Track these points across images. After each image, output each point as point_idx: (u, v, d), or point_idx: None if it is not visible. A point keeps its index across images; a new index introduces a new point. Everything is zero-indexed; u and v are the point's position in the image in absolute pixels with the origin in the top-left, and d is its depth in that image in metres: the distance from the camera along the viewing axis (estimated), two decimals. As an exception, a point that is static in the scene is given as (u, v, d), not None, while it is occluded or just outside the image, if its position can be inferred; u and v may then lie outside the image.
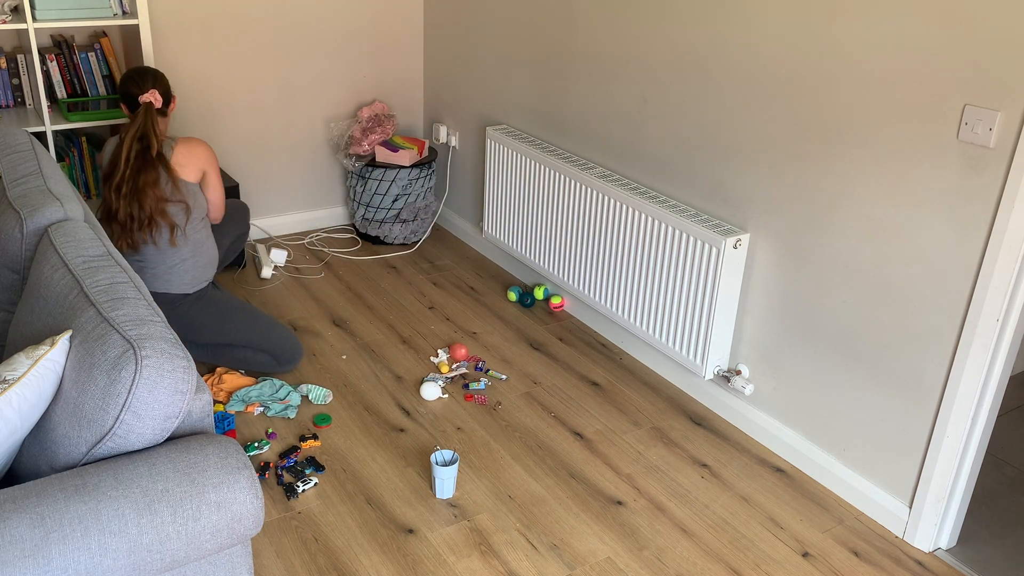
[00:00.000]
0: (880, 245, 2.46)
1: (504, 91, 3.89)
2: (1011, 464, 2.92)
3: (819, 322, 2.69)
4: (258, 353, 3.07)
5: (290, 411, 2.94)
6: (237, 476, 1.63)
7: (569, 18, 3.43)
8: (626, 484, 2.72)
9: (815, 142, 2.59)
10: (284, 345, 3.08)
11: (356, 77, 4.29)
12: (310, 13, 4.04)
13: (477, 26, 3.99)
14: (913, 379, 2.46)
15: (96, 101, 3.49)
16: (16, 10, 3.34)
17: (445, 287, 3.91)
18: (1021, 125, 2.09)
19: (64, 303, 1.81)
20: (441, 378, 3.19)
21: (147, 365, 1.58)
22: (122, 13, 3.36)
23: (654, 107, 3.13)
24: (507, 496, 2.64)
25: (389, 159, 4.11)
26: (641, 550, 2.46)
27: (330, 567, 2.35)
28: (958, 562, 2.48)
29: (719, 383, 3.07)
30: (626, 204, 3.14)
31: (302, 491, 2.62)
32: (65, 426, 1.63)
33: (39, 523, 1.46)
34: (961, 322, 2.31)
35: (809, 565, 2.44)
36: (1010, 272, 2.18)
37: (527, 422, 2.99)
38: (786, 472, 2.81)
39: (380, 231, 4.22)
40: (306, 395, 3.04)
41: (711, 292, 2.86)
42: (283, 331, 3.10)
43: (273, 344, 3.06)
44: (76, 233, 2.06)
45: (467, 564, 2.38)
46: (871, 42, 2.37)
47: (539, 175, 3.56)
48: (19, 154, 2.50)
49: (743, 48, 2.74)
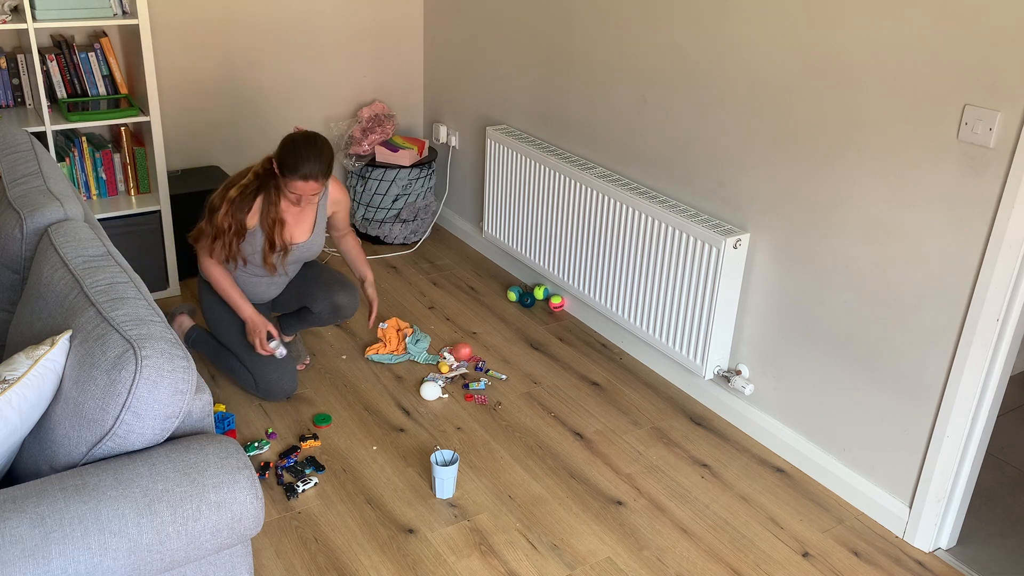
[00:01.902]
0: (880, 245, 2.46)
1: (504, 91, 3.89)
2: (1011, 464, 2.92)
3: (819, 322, 2.69)
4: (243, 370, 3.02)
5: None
6: (237, 476, 1.63)
7: (569, 18, 3.43)
8: (626, 484, 2.72)
9: (815, 142, 2.59)
10: (270, 377, 2.96)
11: (356, 77, 4.29)
12: (310, 13, 4.04)
13: (477, 26, 3.99)
14: (913, 379, 2.46)
15: (96, 101, 3.49)
16: (16, 10, 3.34)
17: (445, 287, 3.91)
18: (1021, 125, 2.09)
19: (64, 303, 1.81)
20: (441, 378, 3.19)
21: (147, 365, 1.58)
22: (122, 13, 3.35)
23: (654, 107, 3.13)
24: (507, 496, 2.64)
25: (389, 159, 4.11)
26: (641, 550, 2.46)
27: (330, 567, 2.35)
28: (958, 562, 2.48)
29: (719, 383, 3.07)
30: (626, 204, 3.14)
31: (302, 491, 2.62)
32: (65, 426, 1.63)
33: (39, 523, 1.46)
34: (961, 322, 2.31)
35: (809, 565, 2.44)
36: (1010, 272, 2.18)
37: (527, 422, 2.99)
38: (786, 472, 2.81)
39: (380, 231, 4.22)
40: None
41: (711, 292, 2.86)
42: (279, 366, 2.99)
43: (258, 371, 2.96)
44: (76, 233, 2.06)
45: (467, 564, 2.38)
46: (871, 42, 2.37)
47: (539, 175, 3.56)
48: (19, 154, 2.49)
49: (743, 48, 2.74)
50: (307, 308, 3.10)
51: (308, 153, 2.71)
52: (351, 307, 3.06)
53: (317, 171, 2.72)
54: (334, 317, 3.07)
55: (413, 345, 3.37)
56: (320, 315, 3.07)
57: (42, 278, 1.94)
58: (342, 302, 3.04)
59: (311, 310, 3.08)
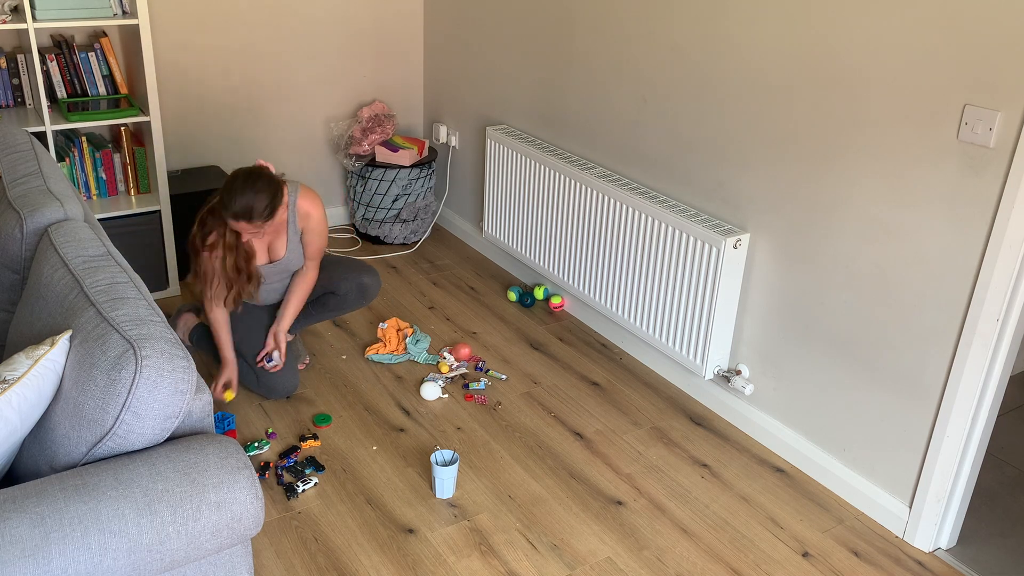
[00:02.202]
0: (880, 245, 2.46)
1: (504, 91, 3.89)
2: (1011, 464, 2.92)
3: (819, 322, 2.69)
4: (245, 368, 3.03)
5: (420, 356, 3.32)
6: (237, 476, 1.63)
7: (569, 18, 3.43)
8: (626, 484, 2.72)
9: (815, 142, 2.59)
10: (271, 375, 2.98)
11: (356, 77, 4.29)
12: (310, 13, 4.04)
13: (477, 26, 3.99)
14: (913, 379, 2.46)
15: (96, 101, 3.49)
16: (16, 10, 3.34)
17: (445, 287, 3.91)
18: (1021, 125, 2.09)
19: (64, 303, 1.81)
20: (441, 378, 3.19)
21: (147, 365, 1.58)
22: (122, 13, 3.35)
23: (654, 107, 3.13)
24: (507, 496, 2.64)
25: (389, 159, 4.11)
26: (641, 550, 2.46)
27: (330, 567, 2.35)
28: (958, 562, 2.48)
29: (719, 383, 3.07)
30: (626, 204, 3.14)
31: (302, 491, 2.62)
32: (65, 426, 1.63)
33: (39, 523, 1.46)
34: (961, 322, 2.31)
35: (809, 565, 2.44)
36: (1010, 272, 2.18)
37: (527, 422, 2.99)
38: (786, 472, 2.81)
39: (380, 231, 4.22)
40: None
41: (711, 292, 2.86)
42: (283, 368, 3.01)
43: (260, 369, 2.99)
44: (76, 233, 2.06)
45: (467, 564, 2.38)
46: (871, 42, 2.37)
47: (539, 175, 3.56)
48: (19, 154, 2.49)
49: (743, 48, 2.74)
50: (331, 293, 3.13)
51: (244, 192, 2.64)
52: (376, 286, 3.13)
53: (250, 211, 2.64)
54: (360, 298, 3.12)
55: (413, 345, 3.37)
56: (347, 296, 3.11)
57: (42, 278, 1.94)
58: (368, 282, 3.10)
59: (336, 292, 3.11)
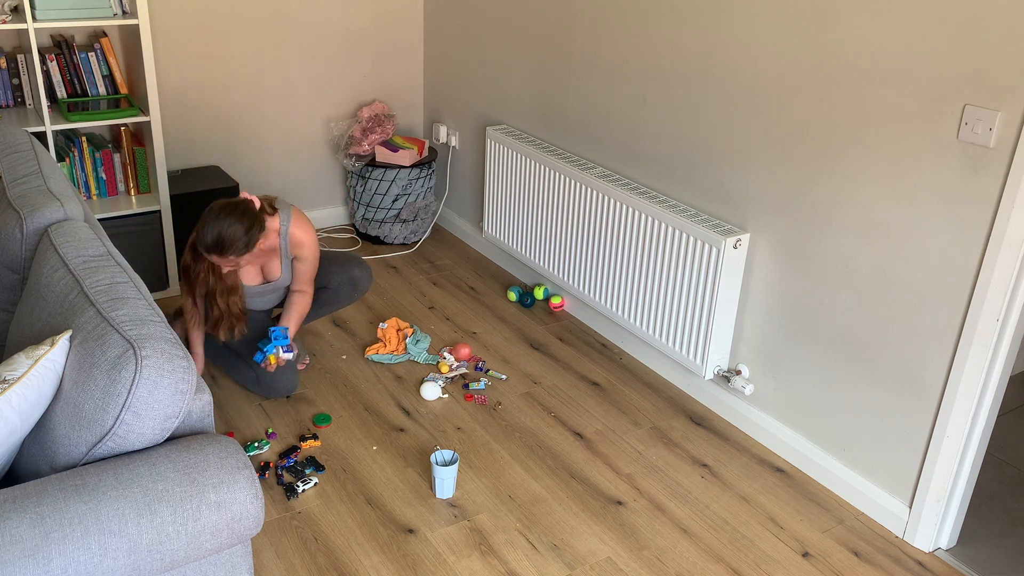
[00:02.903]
0: (880, 245, 2.46)
1: (504, 91, 3.89)
2: (1011, 464, 2.92)
3: (819, 322, 2.69)
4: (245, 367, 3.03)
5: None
6: (237, 476, 1.63)
7: (569, 18, 3.43)
8: (626, 484, 2.72)
9: (815, 142, 2.59)
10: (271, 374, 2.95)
11: (356, 77, 4.29)
12: (310, 13, 4.04)
13: (477, 26, 3.99)
14: (913, 379, 2.46)
15: (96, 101, 3.49)
16: (16, 10, 3.34)
17: (445, 287, 3.91)
18: (1021, 125, 2.09)
19: (64, 303, 1.81)
20: (441, 378, 3.19)
21: (147, 365, 1.58)
22: (122, 13, 3.35)
23: (654, 107, 3.13)
24: (507, 496, 2.64)
25: (389, 159, 4.11)
26: (641, 550, 2.46)
27: (330, 567, 2.35)
28: (958, 562, 2.48)
29: (719, 383, 3.07)
30: (626, 204, 3.14)
31: (302, 491, 2.62)
32: (65, 426, 1.63)
33: (39, 523, 1.46)
34: (961, 322, 2.31)
35: (809, 565, 2.44)
36: (1010, 272, 2.18)
37: (527, 422, 2.99)
38: (786, 472, 2.81)
39: (380, 231, 4.22)
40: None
41: (711, 292, 2.86)
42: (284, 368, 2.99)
43: (259, 368, 2.97)
44: (76, 233, 2.06)
45: (467, 564, 2.38)
46: (871, 42, 2.37)
47: (539, 175, 3.56)
48: (19, 154, 2.49)
49: (743, 48, 2.74)
50: (323, 287, 3.12)
51: (216, 225, 2.62)
52: (367, 279, 3.11)
53: (221, 245, 2.62)
54: (352, 291, 3.12)
55: (413, 345, 3.37)
56: (338, 289, 3.10)
57: (42, 278, 1.94)
58: (359, 275, 3.10)
59: (327, 287, 3.11)
